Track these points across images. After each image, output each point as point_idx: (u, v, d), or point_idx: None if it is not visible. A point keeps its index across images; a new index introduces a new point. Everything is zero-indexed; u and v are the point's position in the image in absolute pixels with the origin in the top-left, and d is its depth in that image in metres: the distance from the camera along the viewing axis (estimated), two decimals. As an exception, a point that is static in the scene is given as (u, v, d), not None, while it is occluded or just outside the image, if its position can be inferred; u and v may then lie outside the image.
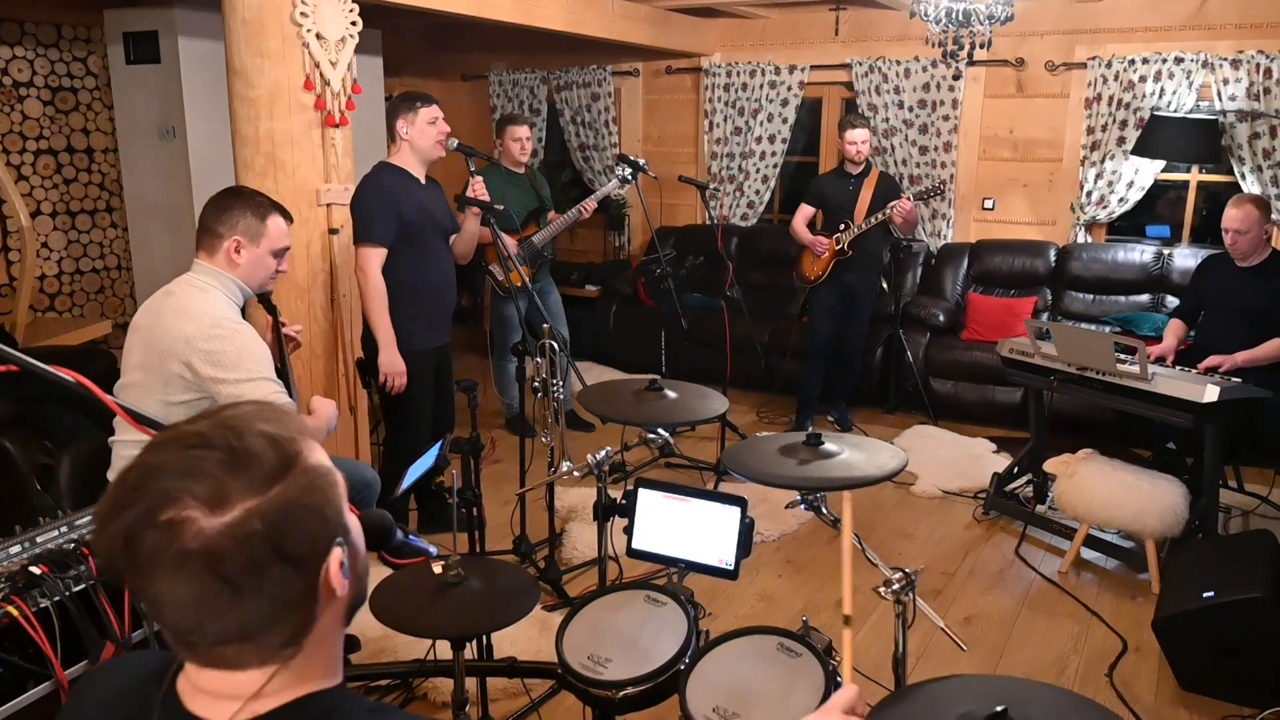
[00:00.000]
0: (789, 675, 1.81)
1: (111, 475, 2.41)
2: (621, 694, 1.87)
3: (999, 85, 5.80)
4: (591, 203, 4.97)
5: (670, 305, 4.77)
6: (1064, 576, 3.64)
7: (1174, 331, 4.19)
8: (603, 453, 2.31)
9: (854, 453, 2.15)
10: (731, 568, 2.02)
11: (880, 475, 2.08)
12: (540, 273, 5.04)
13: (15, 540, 1.81)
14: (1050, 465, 3.83)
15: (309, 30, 3.67)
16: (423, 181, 3.65)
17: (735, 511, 2.01)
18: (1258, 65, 5.08)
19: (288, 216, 2.52)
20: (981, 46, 4.20)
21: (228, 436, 0.88)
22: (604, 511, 2.33)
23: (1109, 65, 5.42)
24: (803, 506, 2.11)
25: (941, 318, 5.53)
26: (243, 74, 3.69)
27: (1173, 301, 5.25)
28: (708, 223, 6.80)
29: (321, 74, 3.76)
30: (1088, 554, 3.76)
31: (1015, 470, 4.22)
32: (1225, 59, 5.16)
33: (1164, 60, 5.28)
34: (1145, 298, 5.37)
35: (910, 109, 5.99)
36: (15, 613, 1.68)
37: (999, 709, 1.41)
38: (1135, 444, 4.32)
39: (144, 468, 0.87)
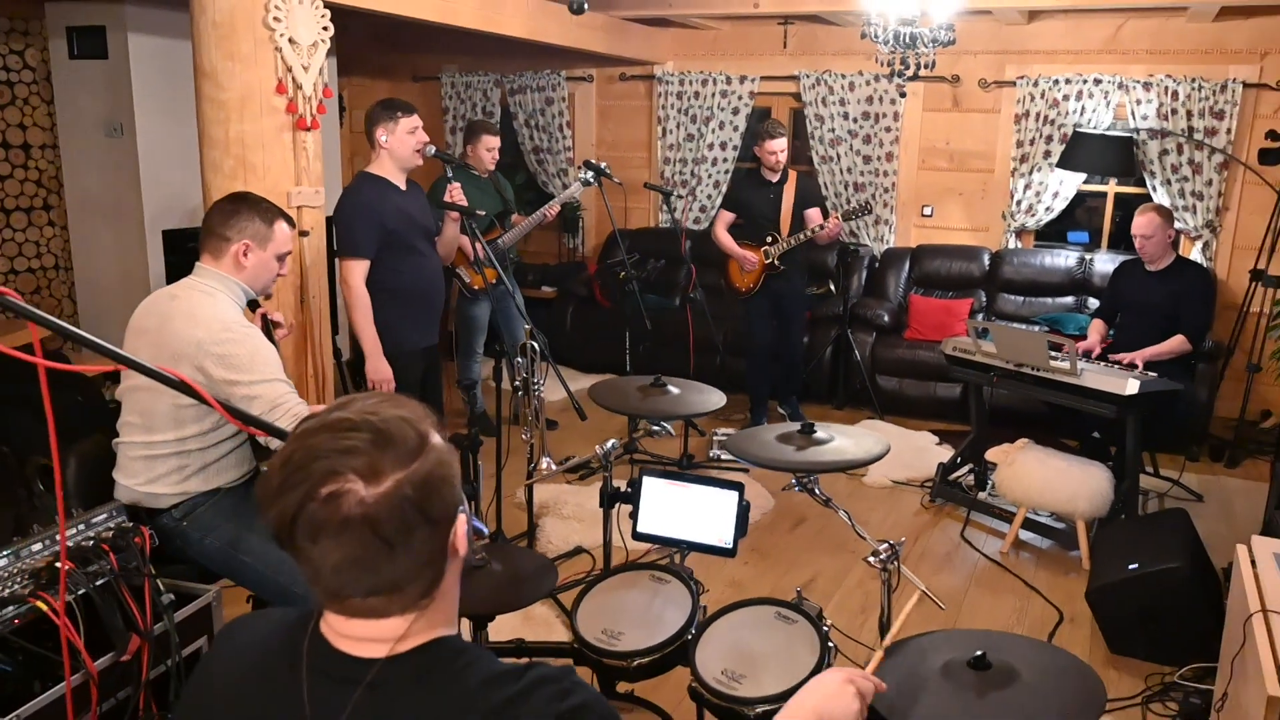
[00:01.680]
0: (788, 639, 2.07)
1: (117, 474, 2.47)
2: (635, 663, 2.08)
3: (937, 100, 6.20)
4: (556, 205, 5.16)
5: (634, 306, 5.02)
6: (1005, 556, 4.01)
7: (1096, 330, 4.62)
8: (610, 444, 2.54)
9: (843, 440, 2.44)
10: (730, 546, 2.26)
11: (867, 459, 2.37)
12: (505, 275, 5.23)
13: (36, 538, 1.91)
14: (991, 454, 4.20)
15: (282, 34, 3.72)
16: (403, 188, 3.77)
17: (733, 495, 2.26)
18: (1166, 88, 5.56)
19: (291, 221, 2.61)
20: (926, 67, 4.55)
21: (371, 421, 1.03)
22: (610, 499, 2.54)
23: (1035, 84, 5.85)
24: (797, 488, 2.38)
25: (886, 318, 5.90)
26: (212, 76, 3.72)
27: (1094, 303, 5.69)
28: (671, 226, 7.07)
29: (294, 78, 3.80)
30: (1025, 535, 4.14)
31: (958, 460, 4.59)
32: (1138, 81, 5.63)
33: (1084, 81, 5.72)
34: (1070, 299, 5.82)
35: (855, 120, 6.35)
36: (44, 607, 1.80)
37: (979, 653, 1.71)
38: (1064, 434, 4.72)
39: (305, 450, 1.02)
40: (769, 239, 5.15)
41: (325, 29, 3.92)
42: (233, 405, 2.29)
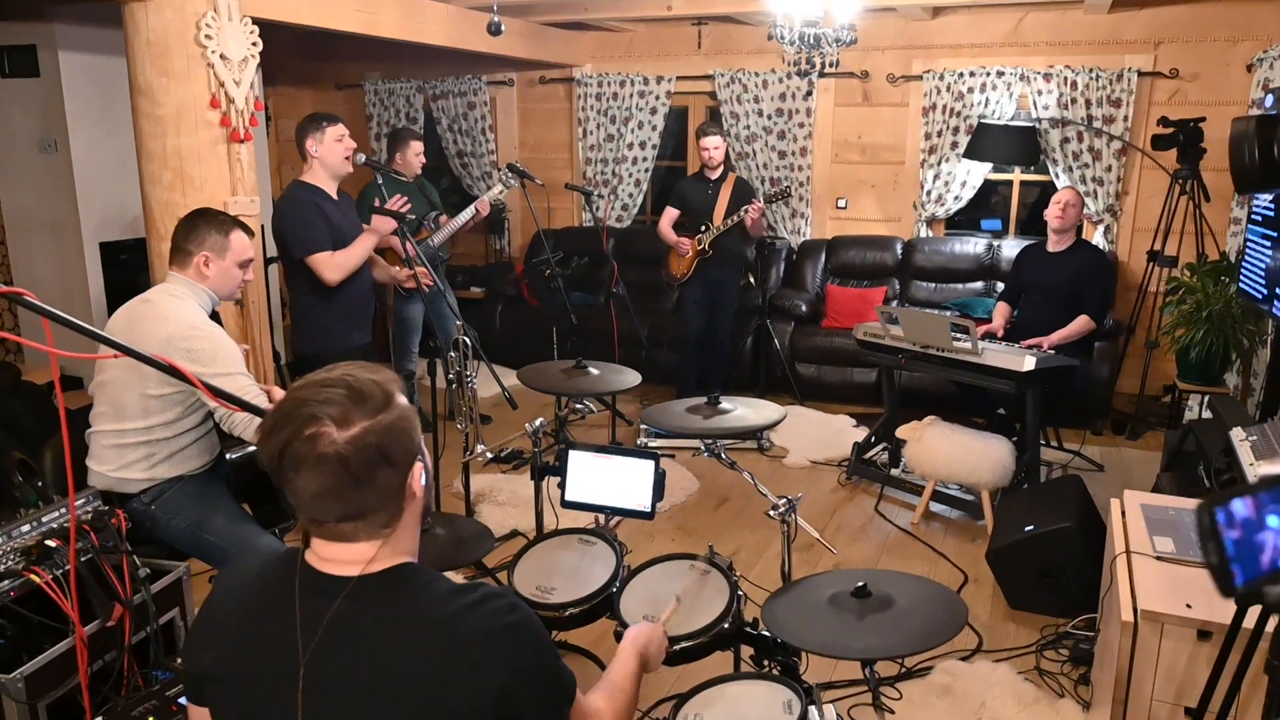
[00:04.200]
0: (701, 587, 2.21)
1: (90, 462, 2.65)
2: (567, 613, 2.24)
3: (847, 95, 6.38)
4: (485, 202, 5.25)
5: (560, 302, 5.11)
6: (916, 527, 4.17)
7: (1000, 313, 4.82)
8: (539, 421, 2.69)
9: (745, 410, 2.56)
10: (648, 509, 2.42)
11: (765, 424, 2.49)
12: (437, 274, 5.28)
13: (24, 520, 2.15)
14: (901, 432, 4.36)
15: (213, 51, 3.86)
16: (334, 197, 3.86)
17: (650, 464, 2.41)
18: (1065, 79, 5.81)
19: (248, 231, 2.79)
20: (831, 66, 4.71)
21: (348, 379, 1.26)
22: (539, 471, 2.73)
23: (941, 78, 6.07)
24: (706, 454, 2.50)
25: (804, 308, 6.06)
26: (148, 93, 3.85)
27: (1002, 287, 5.91)
28: (593, 225, 7.18)
29: (226, 93, 3.96)
30: (936, 507, 4.30)
31: (872, 440, 4.75)
32: (1039, 73, 5.87)
33: (987, 74, 5.95)
34: (979, 285, 6.03)
35: (769, 117, 6.52)
36: (38, 580, 2.05)
37: (860, 584, 1.84)
38: (972, 412, 4.90)
39: (293, 400, 1.25)
40: (702, 227, 5.42)
41: (254, 44, 4.04)
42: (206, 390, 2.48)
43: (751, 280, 6.06)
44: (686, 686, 1.95)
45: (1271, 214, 3.72)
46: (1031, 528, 3.46)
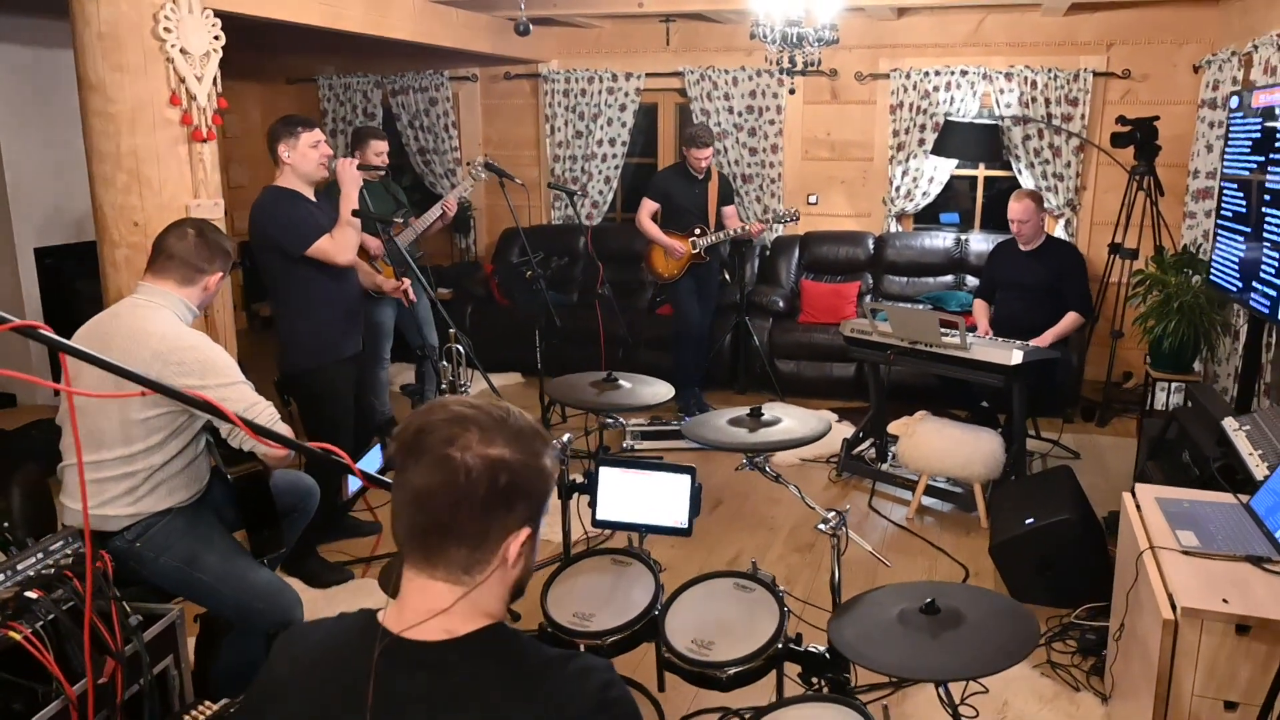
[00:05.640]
0: (749, 607, 2.21)
1: (65, 498, 2.45)
2: (609, 641, 2.19)
3: (816, 93, 6.46)
4: (452, 200, 5.19)
5: (542, 304, 5.09)
6: (911, 521, 4.27)
7: (982, 311, 4.95)
8: (566, 437, 2.63)
9: (790, 421, 2.59)
10: (686, 526, 2.39)
11: (813, 436, 2.52)
12: (401, 275, 5.21)
13: None
14: (892, 428, 4.45)
15: (173, 45, 3.67)
16: (312, 198, 3.73)
17: (686, 478, 2.39)
18: (1025, 78, 5.97)
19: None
20: (811, 65, 4.77)
21: (509, 409, 1.21)
22: (567, 490, 2.64)
23: (908, 76, 6.18)
24: (749, 467, 2.51)
25: (781, 304, 6.14)
26: (99, 89, 3.63)
27: (972, 280, 6.07)
28: (563, 224, 7.14)
29: (187, 89, 3.76)
30: (927, 501, 4.41)
31: (860, 435, 4.84)
32: (1000, 72, 6.02)
33: (952, 73, 6.08)
34: (950, 278, 6.18)
35: (739, 114, 6.56)
36: (18, 636, 1.79)
37: (929, 600, 1.88)
38: (954, 405, 5.03)
39: (453, 401, 1.20)
40: (697, 230, 5.40)
41: (217, 38, 3.87)
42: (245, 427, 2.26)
43: (727, 277, 6.11)
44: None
45: (1243, 210, 3.88)
46: (1032, 520, 3.57)
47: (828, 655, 2.17)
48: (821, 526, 2.17)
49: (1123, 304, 5.46)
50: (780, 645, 2.06)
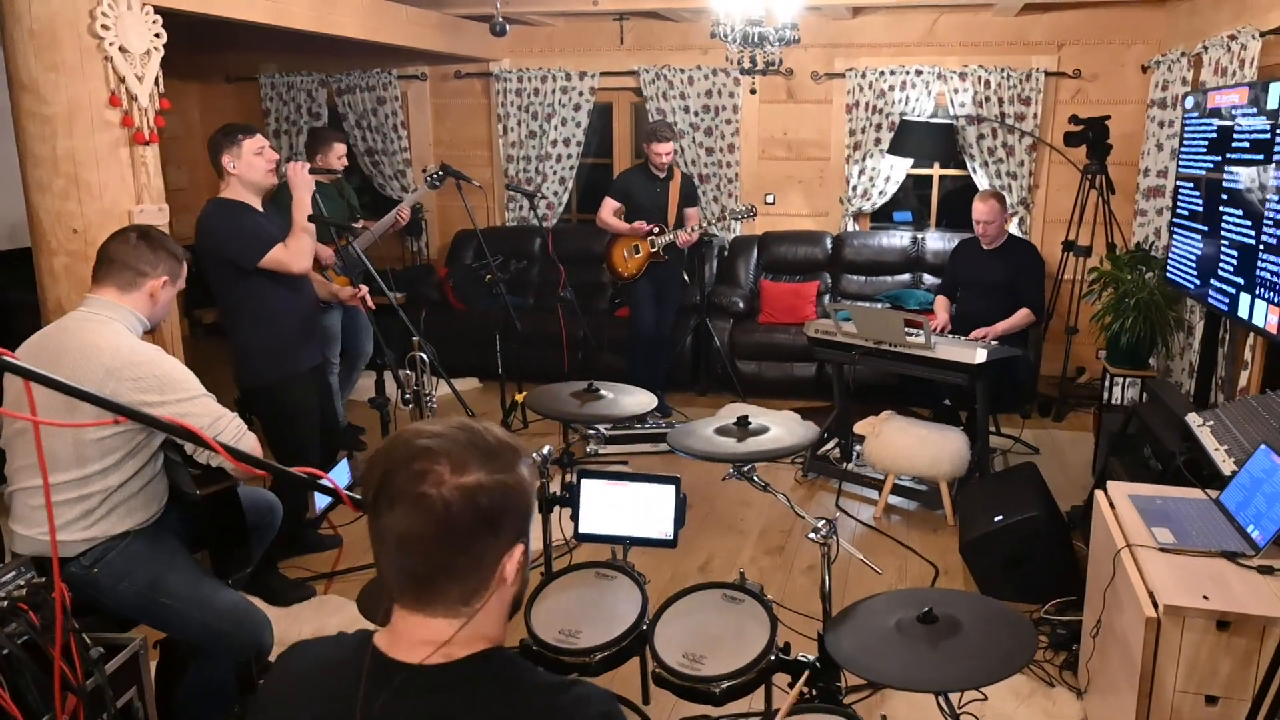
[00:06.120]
0: (739, 618, 2.17)
1: (14, 524, 2.33)
2: (598, 658, 2.13)
3: (772, 92, 6.46)
4: (406, 209, 5.09)
5: (502, 308, 5.02)
6: (879, 521, 4.28)
7: (943, 307, 4.98)
8: (546, 449, 2.56)
9: (779, 430, 2.55)
10: (671, 538, 2.34)
11: (802, 445, 2.49)
12: (357, 282, 5.09)
13: None
14: (859, 427, 4.45)
15: (111, 43, 3.52)
16: (260, 209, 3.60)
17: (670, 489, 2.34)
18: (979, 78, 6.03)
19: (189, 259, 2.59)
20: (772, 64, 4.75)
21: (474, 428, 1.14)
22: (548, 503, 2.57)
23: (863, 75, 6.21)
24: (736, 477, 2.47)
25: (741, 304, 6.12)
26: (32, 89, 3.48)
27: (929, 279, 6.12)
28: (516, 225, 7.04)
29: (127, 89, 3.62)
30: (894, 499, 4.42)
31: (825, 435, 4.84)
32: (954, 72, 6.07)
33: (907, 72, 6.12)
34: (907, 276, 6.22)
35: (695, 114, 6.53)
36: None
37: (926, 609, 1.86)
38: (916, 403, 5.06)
39: (412, 432, 1.13)
40: (656, 230, 5.33)
41: (158, 35, 3.74)
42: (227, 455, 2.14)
43: (686, 278, 6.08)
44: None
45: (1200, 209, 3.95)
46: (1000, 518, 3.59)
47: (818, 664, 2.14)
48: (812, 535, 2.13)
49: (1078, 301, 5.54)
50: (774, 658, 2.02)
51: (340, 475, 2.98)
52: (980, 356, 4.09)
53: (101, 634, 2.08)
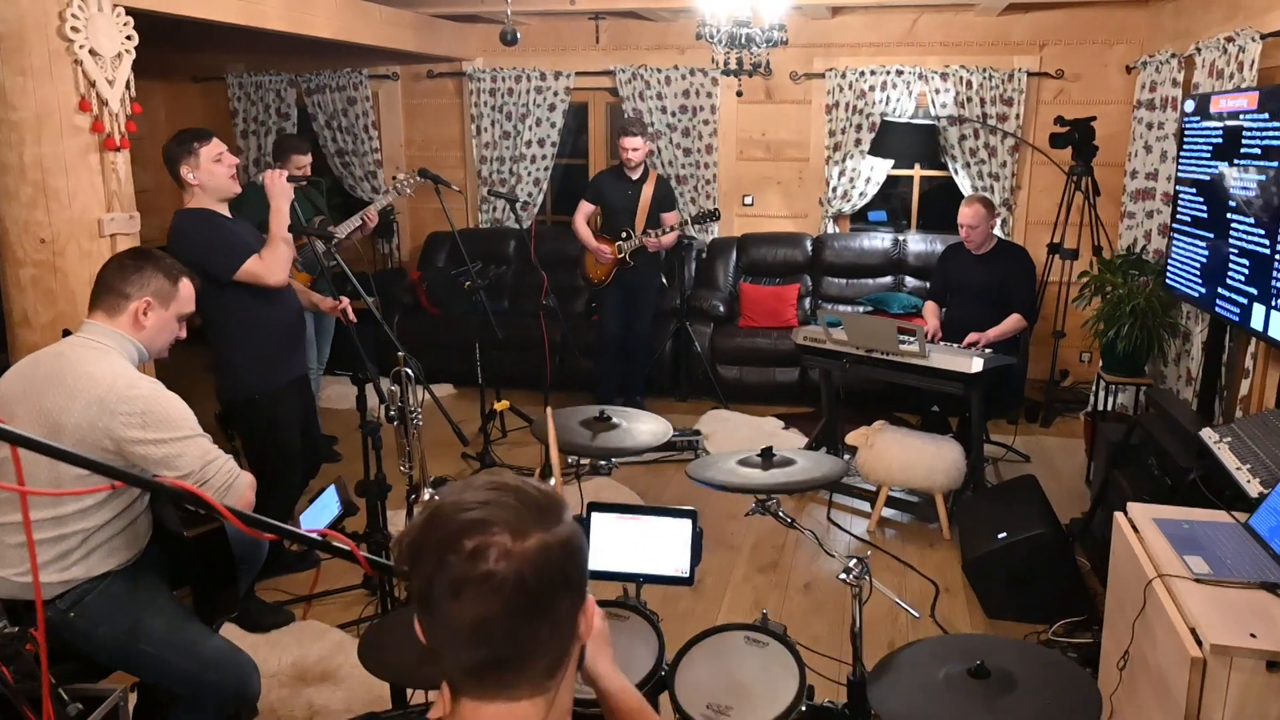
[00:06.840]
0: (763, 663, 2.04)
1: None
2: None
3: (751, 92, 6.33)
4: (373, 211, 4.94)
5: (481, 313, 4.85)
6: (873, 535, 4.18)
7: (933, 312, 4.89)
8: (550, 482, 2.41)
9: (805, 462, 2.43)
10: (687, 575, 2.21)
11: (830, 478, 2.37)
12: (320, 284, 4.90)
13: None
14: (851, 438, 4.35)
15: (81, 46, 3.39)
16: (228, 215, 3.43)
17: (686, 523, 2.21)
18: (961, 78, 5.95)
19: (195, 280, 2.43)
20: (757, 66, 4.63)
21: (514, 485, 1.04)
22: None
23: (843, 76, 6.11)
24: (759, 512, 2.34)
25: (721, 308, 6.00)
26: None
27: (911, 281, 6.04)
28: (490, 227, 6.85)
29: (98, 93, 3.49)
30: (887, 512, 4.32)
31: (813, 444, 4.73)
32: (935, 72, 5.99)
33: (888, 72, 6.03)
34: (889, 279, 6.14)
35: (673, 114, 6.39)
36: None
37: (978, 662, 1.74)
38: (903, 410, 4.97)
39: (450, 505, 1.00)
40: (624, 234, 5.22)
41: (129, 38, 3.59)
42: (149, 468, 2.02)
43: (664, 282, 5.95)
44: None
45: (1204, 215, 3.88)
46: (1005, 535, 3.51)
47: (847, 711, 2.02)
48: (844, 576, 2.01)
49: (1064, 304, 5.49)
50: (805, 708, 1.89)
51: (329, 504, 2.82)
52: (976, 366, 4.01)
53: (77, 685, 1.93)
